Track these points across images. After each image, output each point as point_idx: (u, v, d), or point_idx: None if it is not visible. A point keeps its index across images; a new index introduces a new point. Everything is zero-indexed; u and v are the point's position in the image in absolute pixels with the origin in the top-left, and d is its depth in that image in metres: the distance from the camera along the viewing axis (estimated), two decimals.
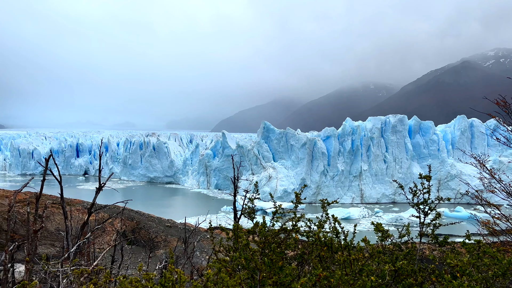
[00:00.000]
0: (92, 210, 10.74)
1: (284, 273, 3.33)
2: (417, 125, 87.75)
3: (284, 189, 77.81)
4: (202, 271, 11.26)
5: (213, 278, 3.25)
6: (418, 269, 4.40)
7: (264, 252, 3.58)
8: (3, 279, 6.57)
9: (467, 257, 4.08)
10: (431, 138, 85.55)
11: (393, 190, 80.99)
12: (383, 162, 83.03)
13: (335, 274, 3.33)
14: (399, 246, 5.03)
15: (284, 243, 3.76)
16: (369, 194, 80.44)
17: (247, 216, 4.48)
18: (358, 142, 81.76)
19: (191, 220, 50.55)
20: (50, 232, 29.03)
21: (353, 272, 3.55)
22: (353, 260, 3.64)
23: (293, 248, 3.89)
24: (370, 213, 67.66)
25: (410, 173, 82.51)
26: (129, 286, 2.98)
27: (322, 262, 3.99)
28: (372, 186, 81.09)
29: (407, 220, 58.43)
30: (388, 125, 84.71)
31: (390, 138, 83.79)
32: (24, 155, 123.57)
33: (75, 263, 6.84)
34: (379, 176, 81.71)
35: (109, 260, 16.27)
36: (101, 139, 12.94)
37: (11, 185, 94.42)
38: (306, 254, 4.11)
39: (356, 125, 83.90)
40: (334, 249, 3.98)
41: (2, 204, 33.28)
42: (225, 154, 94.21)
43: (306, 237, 4.30)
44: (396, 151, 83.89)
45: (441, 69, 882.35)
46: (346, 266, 3.62)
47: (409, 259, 4.54)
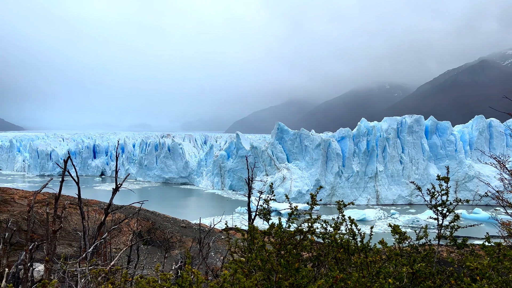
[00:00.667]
0: (108, 210, 10.87)
1: (300, 274, 3.31)
2: (434, 125, 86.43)
3: (298, 190, 77.54)
4: (217, 272, 11.31)
5: (230, 279, 3.26)
6: (436, 272, 4.33)
7: (280, 254, 3.57)
8: (24, 278, 6.70)
9: (487, 259, 4.00)
10: (448, 139, 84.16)
11: (410, 192, 79.92)
12: (399, 163, 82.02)
13: (352, 276, 3.30)
14: (417, 249, 4.96)
15: (300, 245, 3.75)
16: (385, 195, 79.54)
17: (263, 217, 4.47)
18: (374, 142, 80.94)
19: (205, 221, 50.82)
20: (67, 232, 29.52)
21: (370, 275, 3.52)
22: (370, 262, 3.61)
23: (309, 250, 3.87)
24: (386, 214, 66.88)
25: (427, 174, 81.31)
26: (146, 286, 3.01)
27: (339, 264, 3.96)
28: (388, 187, 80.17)
29: (423, 222, 57.59)
30: (404, 126, 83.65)
31: (406, 138, 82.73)
32: (42, 157, 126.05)
33: (93, 263, 6.94)
34: (395, 177, 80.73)
35: (125, 260, 16.48)
36: (118, 141, 13.10)
37: (30, 186, 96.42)
38: (322, 255, 4.09)
39: (371, 125, 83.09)
40: (351, 251, 3.95)
41: (21, 205, 34.00)
42: (239, 155, 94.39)
43: (322, 238, 4.28)
44: (413, 152, 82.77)
45: (458, 68, 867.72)
46: (363, 268, 3.59)
47: (427, 262, 4.47)
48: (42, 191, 7.35)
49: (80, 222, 30.79)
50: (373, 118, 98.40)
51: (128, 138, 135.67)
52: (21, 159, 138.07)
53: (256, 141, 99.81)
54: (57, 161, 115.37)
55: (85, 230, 10.13)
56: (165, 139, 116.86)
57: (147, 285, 2.99)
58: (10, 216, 28.29)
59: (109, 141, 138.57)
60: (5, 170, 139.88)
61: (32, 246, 7.22)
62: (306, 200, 51.39)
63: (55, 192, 14.61)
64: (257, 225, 4.52)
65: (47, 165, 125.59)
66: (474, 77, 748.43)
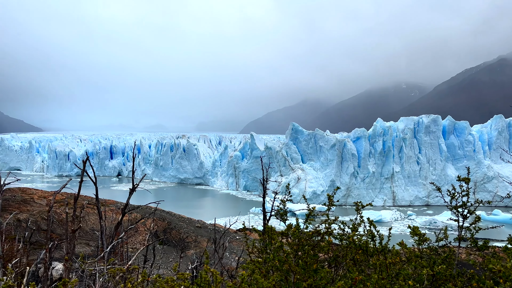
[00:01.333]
0: (126, 210, 11.00)
1: (319, 276, 3.29)
2: (452, 125, 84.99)
3: (313, 191, 77.17)
4: (232, 272, 11.32)
5: (247, 279, 3.25)
6: (456, 274, 4.25)
7: (297, 254, 3.55)
8: (44, 276, 6.84)
9: (510, 262, 3.90)
10: (467, 139, 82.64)
11: (427, 193, 78.74)
12: (416, 164, 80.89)
13: (371, 278, 3.26)
14: (436, 250, 4.87)
15: (318, 246, 3.72)
16: (402, 196, 78.52)
17: (279, 218, 4.46)
18: (390, 143, 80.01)
19: (220, 221, 50.99)
20: (85, 232, 29.98)
21: (389, 276, 3.47)
22: (389, 264, 3.56)
23: (326, 251, 3.84)
24: (402, 216, 66.03)
25: (445, 175, 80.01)
26: (165, 285, 3.03)
27: (357, 265, 3.91)
28: (404, 188, 79.12)
29: (441, 223, 56.67)
30: (421, 126, 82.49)
31: (423, 139, 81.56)
32: (60, 157, 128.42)
33: (111, 263, 7.03)
34: (412, 178, 79.64)
35: (142, 260, 16.64)
36: (134, 142, 13.28)
37: (49, 186, 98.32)
38: (340, 257, 4.05)
39: (387, 125, 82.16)
40: (369, 253, 3.90)
41: (40, 204, 34.68)
42: (254, 155, 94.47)
43: (340, 240, 4.24)
44: (430, 152, 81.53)
45: (477, 67, 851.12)
46: (382, 270, 3.54)
47: (447, 264, 4.39)
48: (61, 191, 7.48)
49: (97, 222, 31.25)
50: (389, 118, 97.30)
51: (144, 139, 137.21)
52: (40, 160, 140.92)
53: (271, 142, 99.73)
54: (75, 162, 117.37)
55: (102, 230, 10.26)
56: (180, 139, 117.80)
57: (166, 285, 3.01)
58: (29, 215, 28.89)
59: (126, 142, 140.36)
60: (25, 170, 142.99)
61: (51, 245, 7.35)
62: (321, 201, 51.58)
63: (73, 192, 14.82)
64: (273, 226, 4.49)
65: (65, 165, 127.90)
66: (492, 76, 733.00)
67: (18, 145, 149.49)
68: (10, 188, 36.56)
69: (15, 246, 16.23)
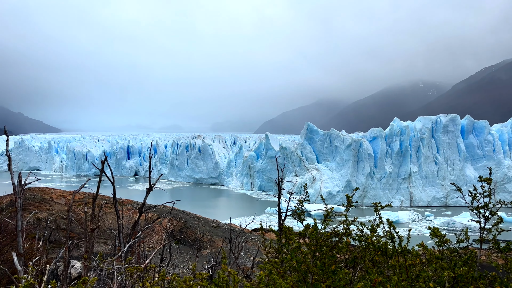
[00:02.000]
0: (142, 209, 11.10)
1: (337, 277, 3.25)
2: (471, 124, 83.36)
3: (329, 191, 76.69)
4: (247, 272, 11.32)
5: (265, 279, 3.24)
6: (478, 276, 4.15)
7: (315, 255, 3.52)
8: (63, 274, 6.95)
9: None
10: (486, 139, 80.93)
11: (445, 193, 77.40)
12: (434, 164, 79.60)
13: (391, 279, 3.20)
14: (457, 252, 4.77)
15: (336, 247, 3.68)
16: (419, 197, 77.37)
17: (297, 218, 4.43)
18: (407, 143, 78.93)
19: (235, 221, 51.10)
20: (103, 231, 30.43)
21: (409, 278, 3.41)
22: (409, 266, 3.49)
23: (345, 252, 3.79)
24: (420, 217, 65.06)
25: (463, 175, 78.51)
26: (183, 285, 3.04)
27: (375, 266, 3.85)
28: (422, 188, 77.93)
29: (459, 224, 55.65)
30: (439, 125, 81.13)
31: (441, 138, 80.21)
32: (78, 157, 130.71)
33: (128, 261, 7.10)
34: (429, 178, 78.38)
35: (158, 259, 16.78)
36: (151, 142, 13.38)
37: (67, 186, 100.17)
38: (358, 258, 4.00)
39: (404, 125, 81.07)
40: (389, 254, 3.84)
41: (59, 204, 35.35)
42: (268, 155, 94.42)
43: (358, 241, 4.18)
44: (448, 152, 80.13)
45: (496, 65, 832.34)
46: (402, 271, 3.48)
47: (468, 266, 4.29)
48: (80, 190, 7.60)
49: (114, 221, 31.69)
50: (406, 117, 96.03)
51: (160, 139, 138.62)
52: (59, 160, 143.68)
53: (285, 142, 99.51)
54: (93, 162, 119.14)
55: (120, 229, 10.38)
56: (195, 140, 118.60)
57: (184, 284, 3.02)
58: (49, 214, 29.48)
59: (142, 142, 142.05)
60: (44, 170, 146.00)
61: (69, 244, 7.47)
62: (336, 201, 51.10)
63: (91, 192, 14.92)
64: (290, 226, 4.47)
65: (83, 165, 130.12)
66: None
67: (37, 146, 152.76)
68: (30, 188, 37.39)
69: (35, 245, 16.57)
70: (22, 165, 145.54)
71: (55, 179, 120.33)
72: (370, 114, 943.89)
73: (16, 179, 7.33)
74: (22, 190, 7.41)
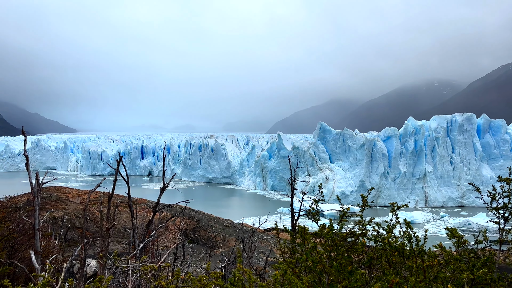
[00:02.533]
0: (156, 209, 11.18)
1: (354, 278, 3.21)
2: (487, 123, 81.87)
3: (342, 191, 76.18)
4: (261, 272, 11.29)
5: (280, 279, 3.22)
6: (497, 278, 4.06)
7: (330, 256, 3.48)
8: (79, 273, 7.04)
9: None
10: (503, 138, 79.39)
11: (461, 193, 76.18)
12: (449, 164, 78.42)
13: (408, 280, 3.15)
14: (475, 253, 4.67)
15: (352, 248, 3.64)
16: (434, 197, 76.30)
17: (311, 218, 4.40)
18: (422, 142, 77.91)
19: (248, 221, 51.15)
20: (117, 230, 30.77)
21: (426, 279, 3.35)
22: (426, 267, 3.43)
23: (360, 253, 3.75)
24: (435, 217, 64.18)
25: (480, 175, 77.13)
26: (198, 284, 3.04)
27: (391, 267, 3.80)
28: (437, 188, 76.83)
29: (476, 225, 54.71)
30: (455, 124, 79.89)
31: (457, 138, 78.97)
32: (93, 157, 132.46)
33: (143, 260, 7.15)
34: (445, 178, 77.23)
35: (172, 258, 16.89)
36: (165, 142, 13.45)
37: (82, 185, 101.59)
38: (374, 259, 3.95)
39: (419, 124, 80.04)
40: (406, 255, 3.78)
41: (74, 203, 35.87)
42: (281, 155, 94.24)
43: (374, 241, 4.13)
44: (464, 152, 78.84)
45: None
46: (419, 272, 3.42)
47: (487, 267, 4.20)
48: (95, 189, 7.70)
49: (129, 220, 32.01)
50: (421, 117, 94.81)
51: (174, 139, 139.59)
52: (74, 160, 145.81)
53: (298, 142, 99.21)
54: (108, 161, 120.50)
55: (134, 228, 10.47)
56: (208, 140, 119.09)
57: (199, 283, 3.02)
58: (64, 213, 29.93)
59: (156, 142, 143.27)
60: (60, 170, 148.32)
61: (84, 242, 7.57)
62: (349, 201, 50.69)
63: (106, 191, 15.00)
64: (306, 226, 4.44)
65: (98, 165, 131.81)
66: None
67: (53, 146, 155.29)
68: (47, 187, 38.02)
69: (51, 243, 16.84)
70: (39, 164, 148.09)
71: (70, 179, 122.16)
72: (384, 114, 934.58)
73: (34, 179, 7.45)
74: (39, 189, 7.52)
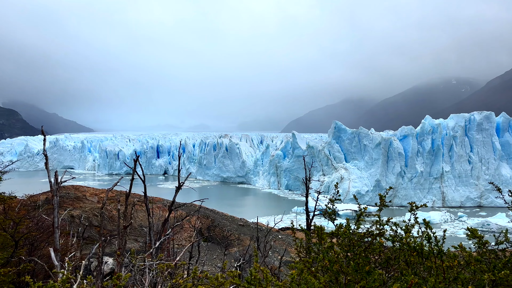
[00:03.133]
0: (172, 207, 11.27)
1: (372, 278, 3.17)
2: (506, 122, 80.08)
3: (357, 190, 75.51)
4: (275, 271, 11.29)
5: (297, 278, 3.21)
6: None
7: (347, 255, 3.45)
8: (97, 270, 7.15)
9: None
10: None
11: (479, 193, 74.71)
12: (467, 163, 76.99)
13: (427, 281, 3.10)
14: (496, 254, 4.57)
15: (370, 248, 3.60)
16: (452, 197, 75.02)
17: (328, 218, 4.37)
18: (439, 141, 76.69)
19: (262, 220, 51.16)
20: (134, 228, 31.14)
21: (446, 280, 3.29)
22: (446, 268, 3.37)
23: (378, 253, 3.70)
24: (452, 217, 63.11)
25: (499, 174, 75.50)
26: (215, 282, 3.05)
27: (409, 268, 3.74)
28: (455, 188, 75.51)
29: (495, 225, 53.59)
30: (473, 123, 78.39)
31: (475, 137, 77.48)
32: (110, 156, 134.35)
33: (160, 258, 7.23)
34: (463, 178, 75.85)
35: (187, 256, 17.01)
36: (180, 141, 13.55)
37: (99, 184, 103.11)
38: (392, 259, 3.90)
39: (436, 123, 78.80)
40: (425, 255, 3.72)
41: (92, 201, 36.43)
42: (295, 154, 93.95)
43: (392, 241, 4.08)
44: (483, 151, 77.30)
45: None
46: (439, 273, 3.36)
47: (509, 269, 4.10)
48: (113, 188, 7.80)
49: (145, 219, 32.36)
50: (438, 115, 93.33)
51: (189, 139, 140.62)
52: (92, 159, 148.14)
53: (313, 141, 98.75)
54: (124, 161, 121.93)
55: (151, 226, 10.58)
56: (222, 139, 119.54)
57: (216, 281, 3.04)
58: (82, 212, 30.42)
59: (171, 142, 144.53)
60: (78, 169, 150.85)
61: (101, 240, 7.68)
62: (365, 201, 50.19)
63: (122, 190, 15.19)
64: (322, 226, 4.42)
65: (114, 164, 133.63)
66: None
67: (71, 145, 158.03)
68: (64, 186, 38.69)
69: (69, 241, 17.15)
70: (57, 164, 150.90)
71: (88, 178, 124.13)
72: (400, 112, 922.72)
73: (53, 178, 7.59)
74: (58, 188, 7.67)
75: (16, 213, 11.04)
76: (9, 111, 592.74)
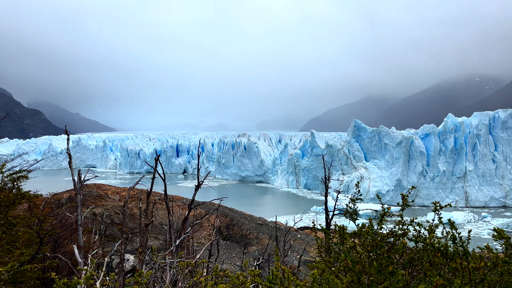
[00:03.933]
0: (191, 206, 11.35)
1: (395, 278, 3.12)
2: None
3: (378, 190, 74.51)
4: (294, 270, 11.23)
5: (318, 278, 3.18)
6: None
7: (370, 256, 3.40)
8: (119, 267, 7.28)
9: None
10: None
11: (504, 193, 72.69)
12: (491, 162, 75.00)
13: (452, 282, 3.02)
14: None
15: (393, 248, 3.54)
16: (475, 197, 73.24)
17: (349, 217, 4.32)
18: (462, 140, 74.93)
19: (281, 219, 51.03)
20: (154, 226, 31.56)
21: (472, 282, 3.20)
22: (472, 269, 3.28)
23: (400, 254, 3.64)
24: (476, 217, 61.61)
25: None
26: (236, 281, 3.06)
27: (433, 269, 3.66)
28: (478, 188, 73.68)
29: None
30: (498, 121, 76.29)
31: (499, 135, 75.40)
32: (131, 155, 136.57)
33: (180, 256, 7.30)
34: (487, 177, 73.93)
35: (206, 254, 17.13)
36: (199, 140, 13.65)
37: (121, 182, 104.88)
38: (415, 259, 3.82)
39: (459, 121, 77.03)
40: (449, 256, 3.63)
41: (113, 200, 37.10)
42: (314, 153, 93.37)
43: (415, 242, 4.00)
44: (508, 150, 75.16)
45: None
46: (464, 274, 3.27)
47: None
48: (134, 187, 7.93)
49: (165, 217, 32.75)
50: (461, 113, 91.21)
51: (208, 138, 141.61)
52: (113, 158, 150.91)
53: (332, 140, 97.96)
54: (145, 160, 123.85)
55: (171, 224, 10.69)
56: (241, 138, 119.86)
57: (236, 280, 3.04)
58: (104, 210, 31.01)
59: (190, 141, 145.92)
60: (99, 167, 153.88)
61: (123, 238, 7.80)
62: (386, 201, 49.52)
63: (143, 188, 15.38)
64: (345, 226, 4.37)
65: (135, 163, 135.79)
66: None
67: (93, 144, 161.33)
68: (87, 184, 39.51)
69: (92, 238, 17.50)
70: (79, 162, 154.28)
71: (109, 176, 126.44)
72: (422, 111, 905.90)
73: (76, 176, 7.75)
74: (81, 186, 7.82)
75: (41, 211, 11.34)
76: (33, 111, 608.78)
